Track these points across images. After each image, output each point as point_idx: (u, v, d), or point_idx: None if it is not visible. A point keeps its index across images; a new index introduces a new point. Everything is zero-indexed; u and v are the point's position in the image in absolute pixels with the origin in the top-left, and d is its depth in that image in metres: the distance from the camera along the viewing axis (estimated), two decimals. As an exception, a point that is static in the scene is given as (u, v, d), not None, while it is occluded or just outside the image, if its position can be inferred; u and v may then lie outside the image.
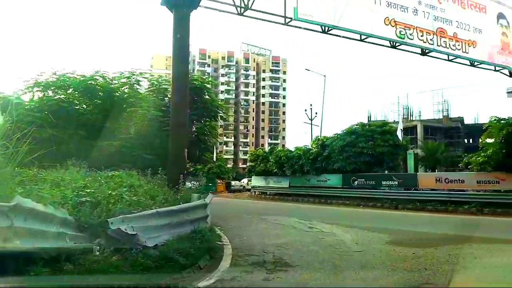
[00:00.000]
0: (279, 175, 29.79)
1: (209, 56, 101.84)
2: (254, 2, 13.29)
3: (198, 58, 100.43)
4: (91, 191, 7.19)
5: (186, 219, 7.55)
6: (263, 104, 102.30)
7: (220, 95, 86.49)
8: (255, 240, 9.67)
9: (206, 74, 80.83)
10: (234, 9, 13.34)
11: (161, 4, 12.52)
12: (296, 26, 14.42)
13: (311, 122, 39.42)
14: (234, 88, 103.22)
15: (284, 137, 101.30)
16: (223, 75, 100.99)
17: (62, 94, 17.83)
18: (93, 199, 6.85)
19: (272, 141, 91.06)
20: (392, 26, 15.41)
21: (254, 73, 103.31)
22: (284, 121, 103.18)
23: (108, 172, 10.78)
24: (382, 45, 16.21)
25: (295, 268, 6.56)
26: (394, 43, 15.94)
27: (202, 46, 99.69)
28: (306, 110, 40.32)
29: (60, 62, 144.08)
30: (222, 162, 45.67)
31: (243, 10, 13.19)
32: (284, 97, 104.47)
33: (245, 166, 55.17)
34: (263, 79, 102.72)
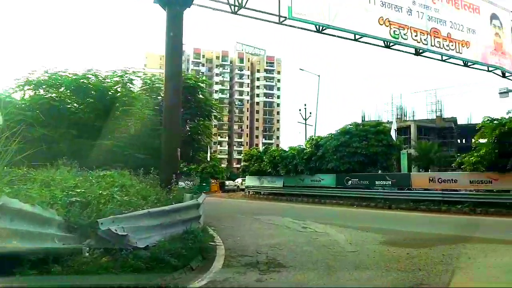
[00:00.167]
0: (273, 175, 29.75)
1: (203, 56, 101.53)
2: (248, 0, 13.22)
3: (193, 58, 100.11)
4: (81, 191, 7.05)
5: (178, 220, 7.45)
6: (257, 104, 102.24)
7: (214, 95, 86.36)
8: (249, 241, 9.59)
9: (201, 73, 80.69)
10: (228, 7, 13.25)
11: (154, 2, 12.38)
12: (290, 25, 14.36)
13: (305, 122, 39.44)
14: (229, 88, 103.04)
15: (278, 137, 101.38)
16: (217, 75, 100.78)
17: (54, 93, 17.61)
18: (83, 199, 6.72)
19: (266, 141, 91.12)
20: (386, 26, 15.40)
21: (249, 72, 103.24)
22: (278, 121, 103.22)
23: (100, 172, 10.66)
24: (376, 45, 16.20)
25: (289, 269, 6.49)
26: (388, 43, 15.94)
27: (196, 45, 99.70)
28: (300, 110, 40.38)
29: (52, 60, 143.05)
30: (216, 161, 45.58)
31: (237, 8, 13.10)
32: (278, 97, 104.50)
33: (239, 166, 55.10)
34: (258, 79, 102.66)
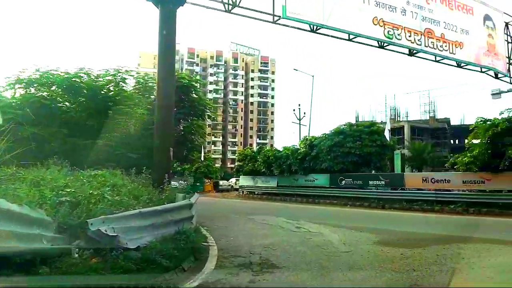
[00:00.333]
0: (267, 174, 29.71)
1: (197, 55, 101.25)
2: (242, -1, 13.15)
3: (187, 57, 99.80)
4: (71, 190, 6.92)
5: (170, 220, 7.34)
6: (251, 104, 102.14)
7: (208, 95, 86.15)
8: (242, 241, 9.52)
9: (195, 73, 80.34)
10: (222, 6, 13.15)
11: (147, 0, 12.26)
12: (284, 25, 14.28)
13: (300, 122, 39.44)
14: (223, 88, 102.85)
15: (272, 137, 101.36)
16: (211, 75, 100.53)
17: (45, 91, 17.43)
18: (73, 199, 6.60)
19: (261, 141, 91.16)
20: (381, 26, 15.38)
21: (243, 73, 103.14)
22: (272, 121, 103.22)
23: (91, 171, 10.53)
24: (370, 45, 16.18)
25: (282, 269, 6.42)
26: (382, 43, 15.93)
27: (190, 45, 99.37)
28: (294, 110, 40.42)
29: (44, 59, 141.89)
30: (210, 161, 45.41)
31: (230, 7, 13.01)
32: (272, 97, 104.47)
33: (233, 165, 54.95)
34: (252, 79, 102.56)
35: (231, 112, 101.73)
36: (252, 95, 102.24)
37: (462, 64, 17.93)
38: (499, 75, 19.19)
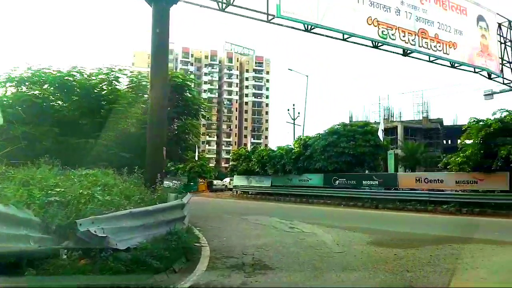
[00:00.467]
0: (261, 174, 29.65)
1: (192, 55, 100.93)
2: (236, -3, 13.06)
3: (181, 57, 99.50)
4: (60, 190, 6.79)
5: (161, 220, 7.23)
6: (246, 103, 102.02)
7: (203, 94, 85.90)
8: (235, 241, 9.44)
9: (189, 72, 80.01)
10: (216, 4, 13.06)
11: (140, -3, 12.13)
12: (278, 24, 14.22)
13: (294, 122, 39.45)
14: (217, 88, 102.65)
15: (267, 136, 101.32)
16: (206, 74, 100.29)
17: (37, 90, 17.24)
18: (62, 199, 6.48)
19: (255, 140, 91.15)
20: (375, 26, 15.37)
21: (238, 72, 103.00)
22: (267, 120, 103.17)
23: (83, 171, 10.40)
24: (365, 45, 16.16)
25: (275, 270, 6.34)
26: (376, 43, 15.91)
27: (185, 44, 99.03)
28: (288, 110, 40.42)
29: (36, 57, 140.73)
30: (204, 161, 45.24)
31: (224, 6, 12.92)
32: (267, 97, 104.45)
33: (227, 165, 54.81)
34: (246, 79, 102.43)
35: (225, 112, 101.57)
36: (246, 95, 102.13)
37: (456, 65, 17.98)
38: (492, 76, 19.27)
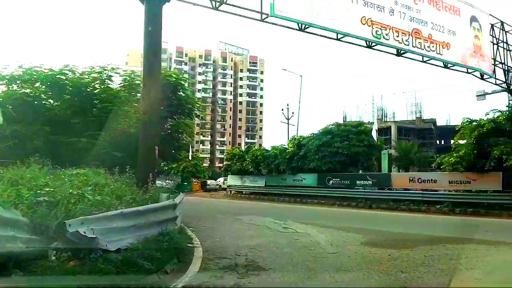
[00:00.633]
0: (255, 174, 29.59)
1: (186, 54, 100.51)
2: (229, -4, 12.95)
3: (175, 56, 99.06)
4: (50, 190, 6.66)
5: (153, 221, 7.12)
6: (240, 103, 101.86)
7: (197, 94, 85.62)
8: (228, 242, 9.36)
9: (183, 72, 79.73)
10: (209, 3, 12.95)
11: (132, -5, 12.01)
12: (272, 23, 14.14)
13: (288, 122, 39.45)
14: (212, 87, 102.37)
15: (261, 136, 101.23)
16: (200, 74, 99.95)
17: (28, 88, 17.01)
18: (51, 199, 6.35)
19: (249, 140, 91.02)
20: (369, 26, 15.35)
21: (232, 72, 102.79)
22: (261, 120, 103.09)
23: (73, 170, 10.25)
24: (359, 44, 16.14)
25: (268, 271, 6.26)
26: (370, 43, 15.90)
27: (179, 44, 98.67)
28: (283, 110, 40.42)
29: (28, 56, 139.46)
30: (198, 161, 44.98)
31: (218, 4, 12.82)
32: (261, 96, 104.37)
33: (221, 165, 54.66)
34: (241, 79, 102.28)
35: (219, 112, 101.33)
36: (241, 95, 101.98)
37: (449, 65, 18.02)
38: (485, 76, 19.35)
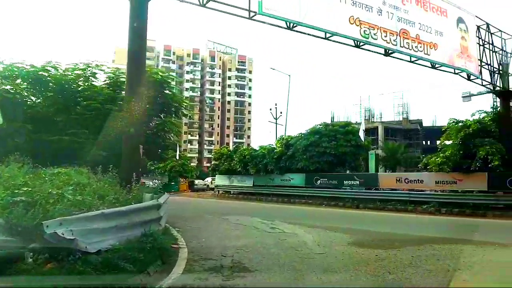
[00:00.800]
0: (243, 174, 29.42)
1: (173, 53, 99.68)
2: (217, -7, 12.73)
3: (163, 54, 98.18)
4: (28, 189, 6.42)
5: (136, 221, 6.92)
6: (228, 103, 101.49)
7: (185, 93, 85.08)
8: (214, 242, 9.20)
9: (170, 70, 79.09)
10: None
11: (117, -10, 11.74)
12: (260, 21, 13.96)
13: (276, 122, 39.38)
14: (200, 86, 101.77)
15: (249, 136, 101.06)
16: (188, 73, 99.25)
17: (9, 85, 16.67)
18: (29, 199, 6.12)
19: (237, 140, 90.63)
20: (357, 26, 15.28)
21: (220, 71, 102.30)
22: (249, 120, 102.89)
23: (55, 169, 9.98)
24: (347, 44, 16.05)
25: (254, 273, 6.13)
26: (359, 43, 15.84)
27: (167, 42, 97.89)
28: (271, 109, 40.33)
29: (9, 52, 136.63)
30: (186, 160, 44.57)
31: (205, 1, 12.59)
32: (250, 96, 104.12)
33: (209, 165, 54.35)
34: (229, 78, 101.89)
35: (208, 111, 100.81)
36: (229, 94, 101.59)
37: (436, 65, 18.08)
38: (471, 77, 19.50)
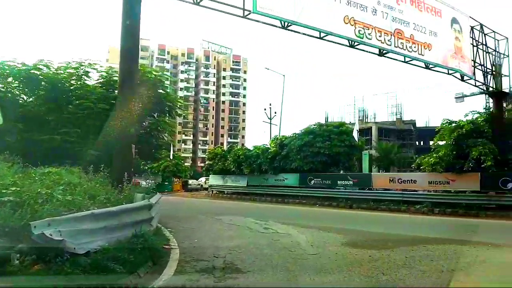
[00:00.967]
0: (237, 174, 29.34)
1: (168, 52, 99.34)
2: (211, -9, 12.64)
3: (157, 54, 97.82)
4: (16, 189, 6.30)
5: (126, 222, 6.80)
6: (223, 103, 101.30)
7: (179, 92, 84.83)
8: (207, 243, 9.10)
9: (164, 69, 78.74)
10: (190, -3, 12.62)
11: (110, -12, 11.62)
12: (255, 20, 13.89)
13: (270, 122, 39.35)
14: (194, 86, 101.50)
15: (243, 136, 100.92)
16: (182, 72, 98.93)
17: (0, 83, 16.46)
18: (17, 199, 6.00)
19: (232, 140, 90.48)
20: (352, 25, 15.26)
21: (215, 71, 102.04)
22: (244, 120, 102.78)
23: (45, 169, 9.85)
24: (341, 44, 16.03)
25: (246, 274, 6.04)
26: (353, 43, 15.82)
27: (161, 41, 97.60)
28: (265, 110, 40.30)
29: (2, 51, 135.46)
30: (179, 160, 44.35)
31: (199, -1, 12.52)
32: (244, 96, 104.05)
33: (203, 164, 54.21)
34: (224, 78, 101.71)
35: (202, 111, 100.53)
36: (223, 94, 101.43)
37: (430, 66, 18.11)
38: (465, 78, 19.56)
